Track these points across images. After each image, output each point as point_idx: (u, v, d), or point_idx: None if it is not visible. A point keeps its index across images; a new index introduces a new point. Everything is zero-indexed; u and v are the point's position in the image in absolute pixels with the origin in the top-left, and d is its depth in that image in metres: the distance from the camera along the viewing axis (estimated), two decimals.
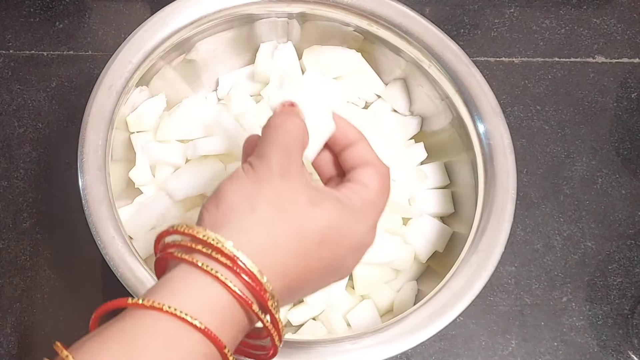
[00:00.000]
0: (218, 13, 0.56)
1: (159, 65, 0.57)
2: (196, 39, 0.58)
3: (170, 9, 0.55)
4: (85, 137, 0.50)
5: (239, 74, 0.63)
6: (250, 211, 0.34)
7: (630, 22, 0.75)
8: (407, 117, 0.62)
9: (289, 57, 0.61)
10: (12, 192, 0.63)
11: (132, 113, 0.57)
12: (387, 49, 0.59)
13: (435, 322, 0.47)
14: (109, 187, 0.49)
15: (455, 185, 0.59)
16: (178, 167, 0.57)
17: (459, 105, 0.55)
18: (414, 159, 0.60)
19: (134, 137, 0.57)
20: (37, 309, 0.59)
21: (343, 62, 0.61)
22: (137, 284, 0.46)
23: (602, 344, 0.61)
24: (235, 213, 0.34)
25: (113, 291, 0.60)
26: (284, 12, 0.59)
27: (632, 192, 0.67)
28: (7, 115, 0.67)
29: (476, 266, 0.49)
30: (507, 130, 0.53)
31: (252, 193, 0.34)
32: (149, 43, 0.54)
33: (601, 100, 0.71)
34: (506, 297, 0.62)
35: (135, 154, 0.57)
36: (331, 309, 0.55)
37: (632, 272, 0.64)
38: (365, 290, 0.55)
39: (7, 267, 0.60)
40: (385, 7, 0.57)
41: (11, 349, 0.58)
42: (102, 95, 0.52)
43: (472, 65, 0.55)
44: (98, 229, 0.47)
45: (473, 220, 0.52)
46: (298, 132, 0.37)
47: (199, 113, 0.58)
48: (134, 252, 0.47)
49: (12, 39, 0.70)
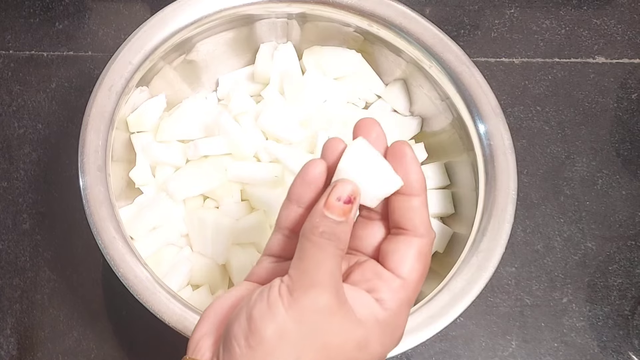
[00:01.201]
0: (218, 13, 0.56)
1: (159, 66, 0.57)
2: (196, 39, 0.58)
3: (170, 9, 0.55)
4: (85, 138, 0.50)
5: (239, 74, 0.63)
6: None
7: (631, 23, 0.75)
8: (407, 118, 0.62)
9: (289, 57, 0.61)
10: (12, 192, 0.63)
11: (132, 113, 0.57)
12: (387, 49, 0.59)
13: (436, 322, 0.47)
14: (110, 188, 0.49)
15: (455, 185, 0.59)
16: (178, 167, 0.57)
17: (460, 106, 0.55)
18: None
19: (134, 138, 0.57)
20: (37, 310, 0.59)
21: (343, 62, 0.61)
22: (138, 284, 0.46)
23: (602, 345, 0.61)
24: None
25: (114, 292, 0.60)
26: (283, 12, 0.59)
27: (632, 193, 0.67)
28: (7, 116, 0.67)
29: (476, 267, 0.49)
30: (507, 130, 0.53)
31: (296, 338, 0.30)
32: (149, 44, 0.54)
33: (601, 101, 0.71)
34: (506, 297, 0.62)
35: (135, 154, 0.57)
36: None
37: (632, 273, 0.63)
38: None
39: (6, 268, 0.60)
40: (385, 7, 0.57)
41: (11, 350, 0.57)
42: (103, 96, 0.52)
43: (472, 65, 0.55)
44: (99, 229, 0.47)
45: (473, 221, 0.52)
46: (344, 250, 0.32)
47: (199, 113, 0.58)
48: (135, 253, 0.47)
49: (12, 40, 0.70)
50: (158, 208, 0.54)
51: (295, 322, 0.30)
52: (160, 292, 0.46)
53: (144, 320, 0.47)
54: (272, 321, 0.30)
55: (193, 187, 0.55)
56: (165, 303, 0.46)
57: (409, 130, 0.61)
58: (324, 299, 0.31)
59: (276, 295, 0.31)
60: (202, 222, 0.54)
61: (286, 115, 0.57)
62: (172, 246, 0.56)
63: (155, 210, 0.54)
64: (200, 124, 0.58)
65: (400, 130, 0.61)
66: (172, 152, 0.57)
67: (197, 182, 0.55)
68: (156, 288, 0.46)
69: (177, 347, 0.56)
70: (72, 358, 0.57)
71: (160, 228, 0.55)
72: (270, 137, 0.58)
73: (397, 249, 0.34)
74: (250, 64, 0.64)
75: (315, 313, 0.31)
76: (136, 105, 0.57)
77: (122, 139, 0.57)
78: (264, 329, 0.30)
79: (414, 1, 0.72)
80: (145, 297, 0.46)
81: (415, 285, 0.34)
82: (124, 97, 0.53)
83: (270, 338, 0.30)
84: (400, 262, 0.34)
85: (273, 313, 0.30)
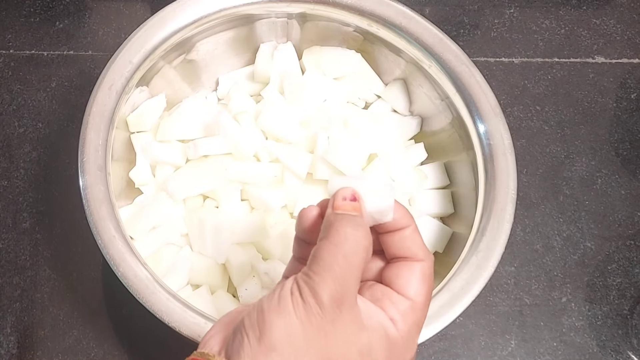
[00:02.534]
0: (218, 13, 0.56)
1: (159, 65, 0.57)
2: (196, 39, 0.58)
3: (171, 9, 0.55)
4: (85, 137, 0.50)
5: (239, 74, 0.63)
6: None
7: (630, 23, 0.75)
8: (407, 117, 0.62)
9: (288, 57, 0.61)
10: (12, 191, 0.63)
11: (132, 113, 0.57)
12: (387, 49, 0.59)
13: (436, 322, 0.47)
14: (110, 187, 0.49)
15: (455, 185, 0.59)
16: (178, 167, 0.57)
17: (459, 106, 0.55)
18: (414, 159, 0.60)
19: (134, 137, 0.57)
20: (37, 309, 0.59)
21: (343, 62, 0.61)
22: (138, 284, 0.46)
23: (601, 344, 0.61)
24: (278, 357, 0.31)
25: (113, 290, 0.60)
26: (283, 12, 0.59)
27: (631, 193, 0.67)
28: (8, 115, 0.67)
29: (476, 266, 0.49)
30: (507, 130, 0.53)
31: (300, 340, 0.31)
32: (149, 43, 0.54)
33: (601, 101, 0.71)
34: (505, 297, 0.62)
35: (135, 154, 0.57)
36: None
37: (631, 272, 0.64)
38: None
39: (7, 267, 0.61)
40: (385, 7, 0.57)
41: (11, 348, 0.58)
42: (103, 95, 0.52)
43: (472, 65, 0.55)
44: (99, 228, 0.47)
45: (473, 220, 0.52)
46: (358, 256, 0.32)
47: (198, 113, 0.58)
48: (135, 252, 0.47)
49: (13, 39, 0.70)
50: (158, 208, 0.55)
51: (301, 325, 0.31)
52: (160, 292, 0.46)
53: (144, 319, 0.47)
54: (279, 317, 0.31)
55: (193, 187, 0.55)
56: (165, 303, 0.46)
57: (408, 130, 0.61)
58: (327, 303, 0.31)
59: (287, 295, 0.32)
60: (202, 222, 0.54)
61: (286, 115, 0.57)
62: (171, 246, 0.56)
63: (155, 210, 0.54)
64: (200, 124, 0.58)
65: (400, 130, 0.61)
66: (172, 151, 0.57)
67: (197, 182, 0.55)
68: (156, 288, 0.46)
69: (176, 345, 0.56)
70: (72, 357, 0.57)
71: (159, 228, 0.55)
72: (270, 137, 0.58)
73: (400, 273, 0.35)
74: (250, 64, 0.64)
75: (322, 319, 0.31)
76: (136, 105, 0.57)
77: (122, 138, 0.57)
78: (272, 323, 0.31)
79: (413, 1, 0.72)
80: (145, 296, 0.46)
81: (423, 306, 0.34)
82: (124, 97, 0.53)
83: (277, 331, 0.31)
84: (406, 285, 0.34)
85: (281, 311, 0.31)
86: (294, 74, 0.61)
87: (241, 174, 0.56)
